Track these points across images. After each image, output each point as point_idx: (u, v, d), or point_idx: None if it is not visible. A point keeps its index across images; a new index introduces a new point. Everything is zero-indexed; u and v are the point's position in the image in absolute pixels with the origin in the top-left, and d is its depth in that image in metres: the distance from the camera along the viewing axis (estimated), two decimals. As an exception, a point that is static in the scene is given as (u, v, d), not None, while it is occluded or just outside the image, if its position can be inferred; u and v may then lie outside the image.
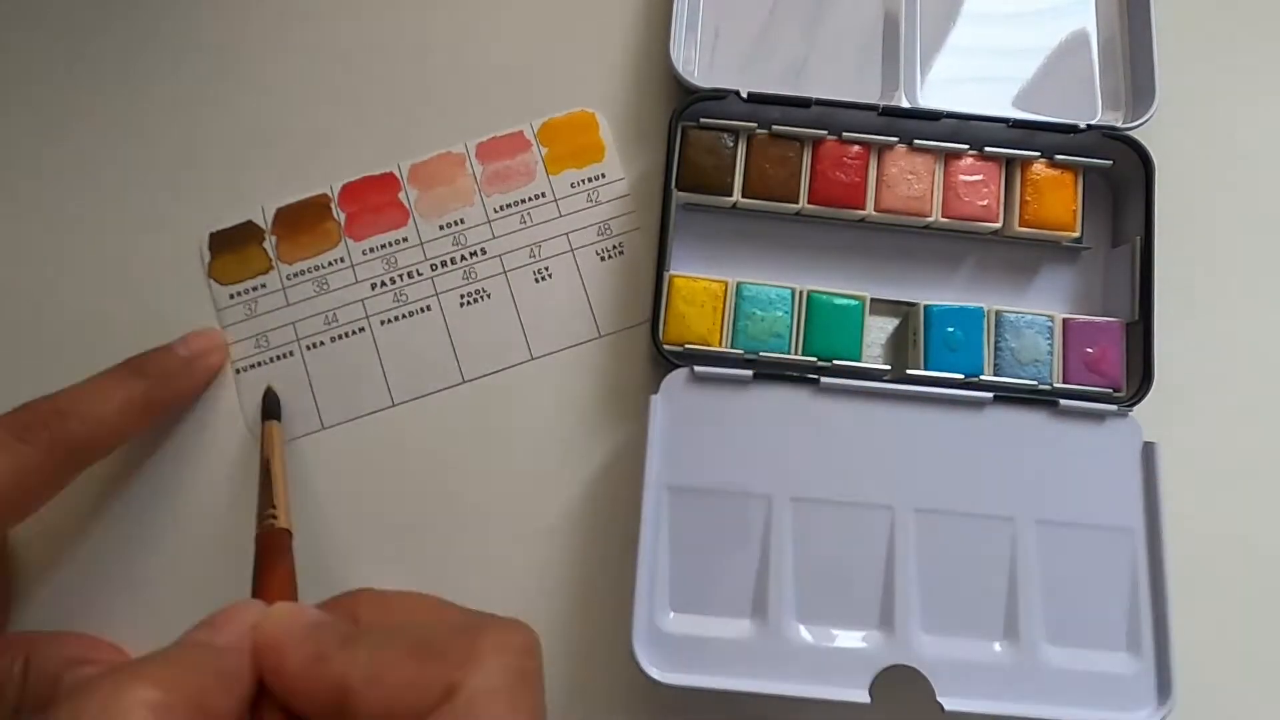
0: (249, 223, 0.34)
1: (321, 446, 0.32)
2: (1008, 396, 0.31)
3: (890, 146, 0.33)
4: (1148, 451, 0.31)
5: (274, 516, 0.27)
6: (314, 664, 0.20)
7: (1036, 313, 0.32)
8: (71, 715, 0.18)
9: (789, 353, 0.31)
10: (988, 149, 0.33)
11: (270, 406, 0.32)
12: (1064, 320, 0.32)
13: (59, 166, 0.35)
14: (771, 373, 0.31)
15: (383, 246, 0.34)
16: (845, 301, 0.32)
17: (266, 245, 0.34)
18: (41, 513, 0.28)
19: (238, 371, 0.33)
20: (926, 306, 0.32)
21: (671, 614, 0.29)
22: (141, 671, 0.19)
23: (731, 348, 0.31)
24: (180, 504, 0.32)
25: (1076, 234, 0.33)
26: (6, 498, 0.26)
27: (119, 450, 0.32)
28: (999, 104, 0.34)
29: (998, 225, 0.33)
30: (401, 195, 0.34)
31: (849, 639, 0.29)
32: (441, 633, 0.20)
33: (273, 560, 0.25)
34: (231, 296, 0.33)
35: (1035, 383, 0.31)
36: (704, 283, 0.32)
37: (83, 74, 0.35)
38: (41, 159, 0.35)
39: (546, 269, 0.34)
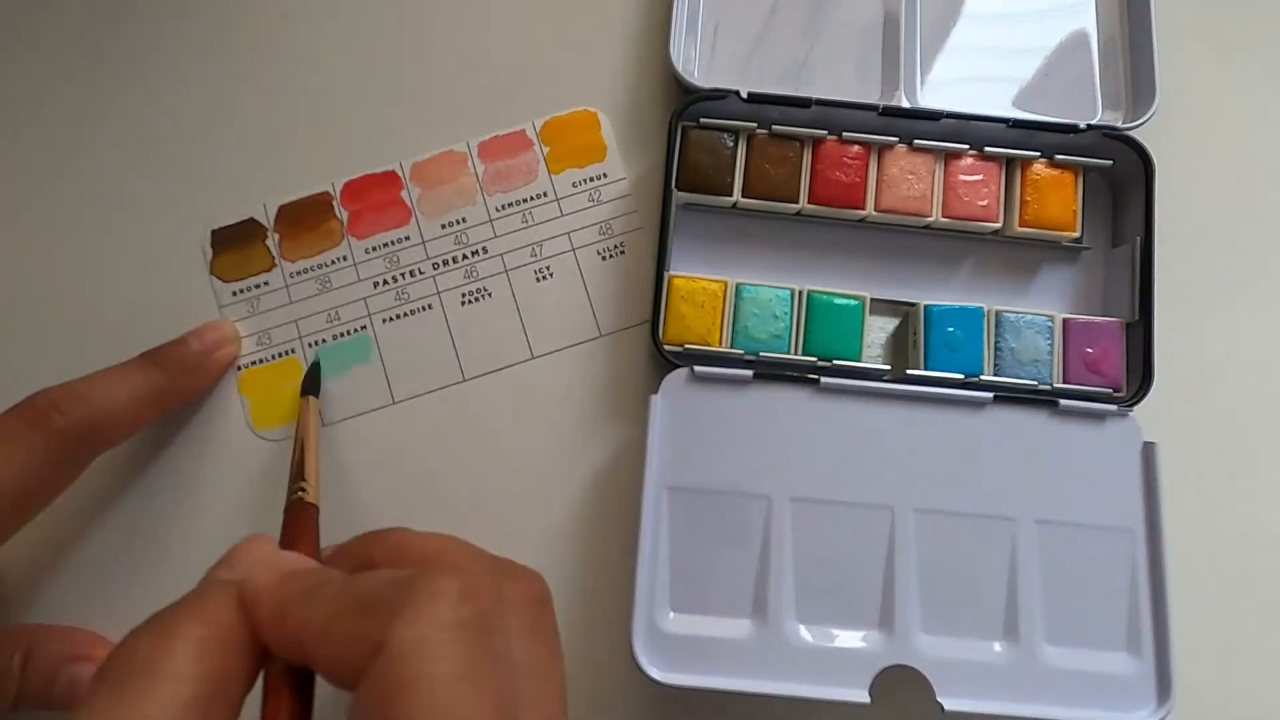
0: (251, 220, 0.34)
1: (321, 443, 0.32)
2: (1008, 396, 0.31)
3: (890, 146, 0.33)
4: (1148, 451, 0.30)
5: (303, 490, 0.27)
6: (276, 619, 0.19)
7: (1036, 313, 0.32)
8: (127, 654, 0.18)
9: (789, 353, 0.32)
10: (988, 149, 0.33)
11: (309, 382, 0.32)
12: (1064, 320, 0.32)
13: (60, 164, 0.35)
14: (771, 373, 0.31)
15: (385, 245, 0.34)
16: (845, 301, 0.32)
17: (269, 243, 0.34)
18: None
19: (239, 369, 0.33)
20: (926, 306, 0.32)
21: (671, 614, 0.29)
22: (184, 612, 0.19)
23: (731, 348, 0.31)
24: (182, 500, 0.32)
25: (1076, 234, 0.33)
26: (22, 490, 0.26)
27: (121, 445, 0.32)
28: (999, 104, 0.34)
29: (998, 225, 0.33)
30: (404, 194, 0.34)
31: (849, 639, 0.29)
32: (385, 584, 0.19)
33: (295, 534, 0.26)
34: (234, 294, 0.34)
35: (1035, 383, 0.31)
36: (703, 283, 0.32)
37: (85, 72, 0.35)
38: (43, 156, 0.35)
39: (548, 268, 0.34)
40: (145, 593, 0.31)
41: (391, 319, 0.33)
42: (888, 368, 0.32)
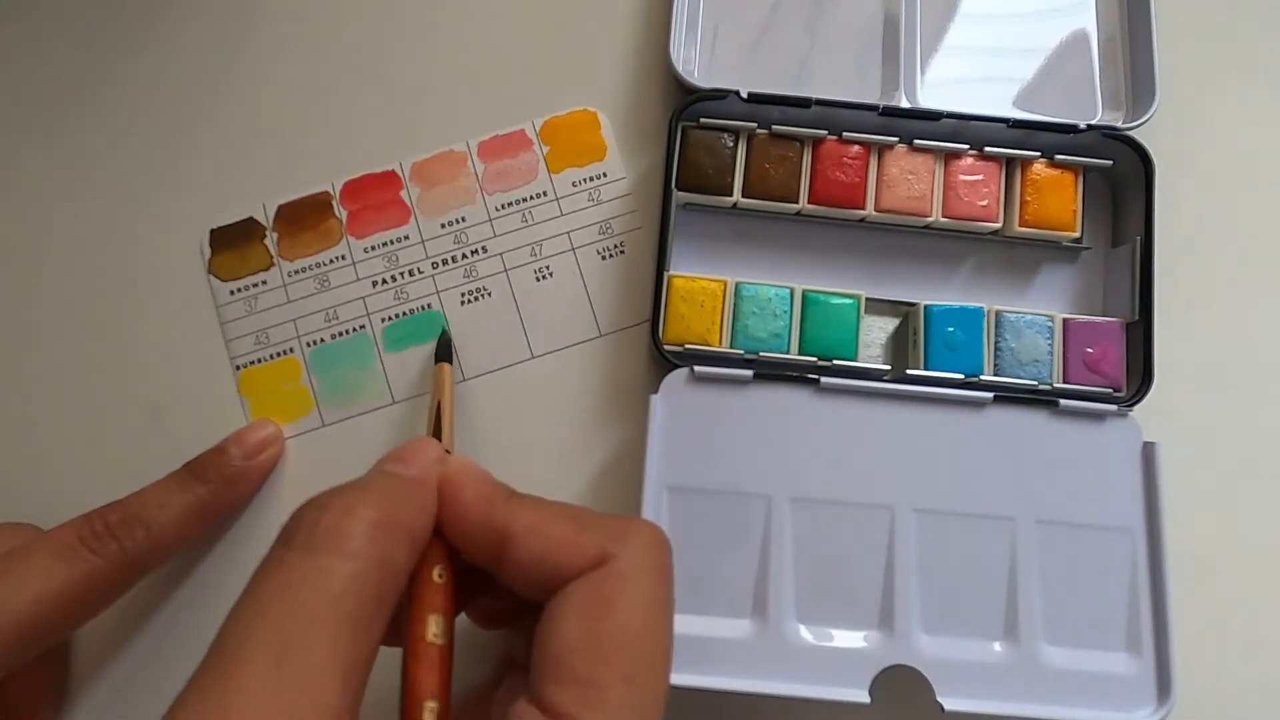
0: (250, 219, 0.34)
1: (321, 443, 0.32)
2: (1008, 396, 0.31)
3: (890, 146, 0.33)
4: (1148, 451, 0.30)
5: None
6: (484, 506, 0.23)
7: (1036, 313, 0.32)
8: (308, 529, 0.20)
9: (788, 352, 0.31)
10: (988, 149, 0.33)
11: (443, 348, 0.31)
12: (1064, 320, 0.32)
13: (61, 163, 0.35)
14: (771, 373, 0.31)
15: (384, 244, 0.34)
16: (841, 300, 0.32)
17: (268, 242, 0.34)
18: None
19: (238, 369, 0.33)
20: (926, 306, 0.32)
21: (671, 614, 0.29)
22: (361, 496, 0.21)
23: (731, 348, 0.31)
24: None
25: (1076, 234, 0.33)
26: (74, 605, 0.26)
27: (122, 450, 0.32)
28: (999, 104, 0.34)
29: (998, 225, 0.33)
30: (403, 193, 0.34)
31: (849, 639, 0.29)
32: (592, 514, 0.23)
33: None
34: (231, 293, 0.33)
35: (1035, 383, 0.31)
36: (703, 283, 0.32)
37: (85, 70, 0.35)
38: (43, 155, 0.35)
39: (547, 268, 0.34)
40: (146, 593, 0.31)
41: (390, 318, 0.33)
42: (888, 368, 0.32)
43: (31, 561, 0.26)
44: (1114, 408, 0.31)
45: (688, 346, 0.31)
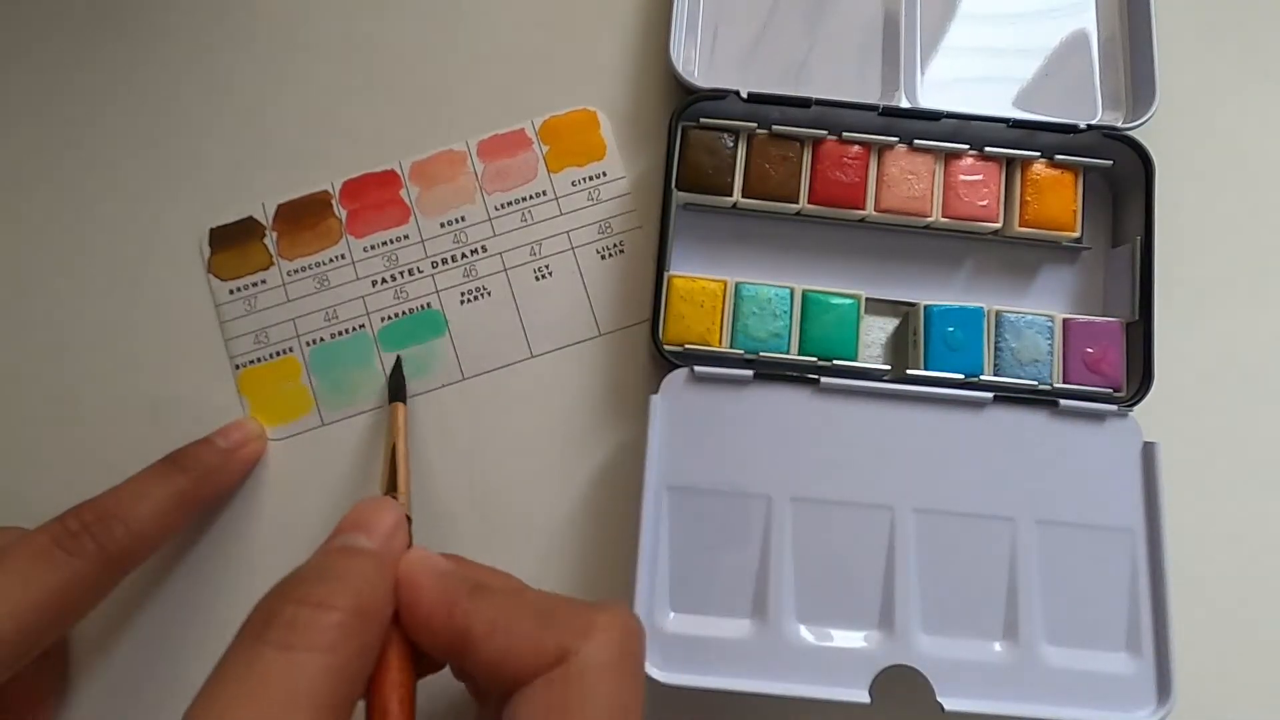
0: (250, 219, 0.34)
1: (320, 443, 0.32)
2: (1008, 396, 0.31)
3: (890, 146, 0.33)
4: (1148, 451, 0.31)
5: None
6: (443, 608, 0.22)
7: (1036, 313, 0.32)
8: (282, 624, 0.19)
9: (788, 352, 0.31)
10: (988, 149, 0.33)
11: (395, 388, 0.32)
12: (1064, 320, 0.32)
13: (60, 162, 0.35)
14: (771, 373, 0.31)
15: (384, 244, 0.34)
16: (841, 300, 0.32)
17: (267, 241, 0.34)
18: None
19: (237, 368, 0.33)
20: (926, 306, 0.32)
21: (671, 614, 0.29)
22: (334, 588, 0.20)
23: (731, 348, 0.31)
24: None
25: (1076, 234, 0.33)
26: (54, 610, 0.25)
27: (123, 450, 0.32)
28: (999, 104, 0.34)
29: (998, 225, 0.33)
30: (403, 192, 0.34)
31: (849, 639, 0.29)
32: (559, 605, 0.22)
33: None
34: (231, 292, 0.33)
35: (1035, 383, 0.31)
36: (703, 283, 0.32)
37: (84, 70, 0.35)
38: (43, 154, 0.35)
39: (547, 267, 0.34)
40: (147, 593, 0.31)
41: (390, 318, 0.33)
42: (888, 368, 0.32)
43: (6, 570, 0.25)
44: (1114, 408, 0.31)
45: (688, 346, 0.31)
